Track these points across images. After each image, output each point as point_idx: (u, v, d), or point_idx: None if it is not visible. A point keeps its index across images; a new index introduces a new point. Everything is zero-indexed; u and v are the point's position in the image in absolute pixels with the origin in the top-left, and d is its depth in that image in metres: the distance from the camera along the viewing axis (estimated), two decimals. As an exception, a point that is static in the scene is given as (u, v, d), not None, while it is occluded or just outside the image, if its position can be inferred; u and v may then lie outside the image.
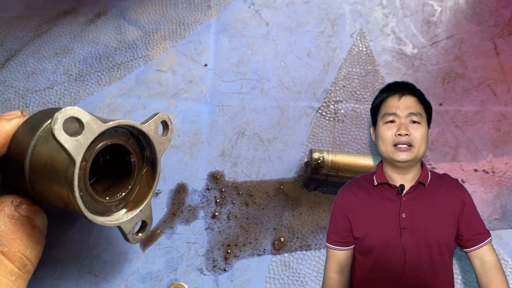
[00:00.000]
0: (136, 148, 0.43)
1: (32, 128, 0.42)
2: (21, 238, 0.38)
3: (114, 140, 0.41)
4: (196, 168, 0.61)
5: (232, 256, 0.57)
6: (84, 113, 0.35)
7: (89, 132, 0.35)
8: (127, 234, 0.42)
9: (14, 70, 0.66)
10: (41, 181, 0.39)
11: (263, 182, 0.61)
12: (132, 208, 0.44)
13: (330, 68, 0.67)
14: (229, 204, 0.59)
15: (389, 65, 0.68)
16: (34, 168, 0.40)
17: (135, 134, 0.43)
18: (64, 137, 0.33)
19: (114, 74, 0.66)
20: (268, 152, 0.62)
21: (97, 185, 0.44)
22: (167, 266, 0.56)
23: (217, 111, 0.64)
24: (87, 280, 0.55)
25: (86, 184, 0.39)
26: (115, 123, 0.38)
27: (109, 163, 0.46)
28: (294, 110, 0.64)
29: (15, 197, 0.40)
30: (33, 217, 0.40)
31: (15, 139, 0.43)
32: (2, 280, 0.36)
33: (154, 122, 0.43)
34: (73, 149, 0.34)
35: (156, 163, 0.44)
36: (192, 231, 0.58)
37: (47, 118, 0.42)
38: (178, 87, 0.65)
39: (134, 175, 0.44)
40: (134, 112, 0.64)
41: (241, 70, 0.67)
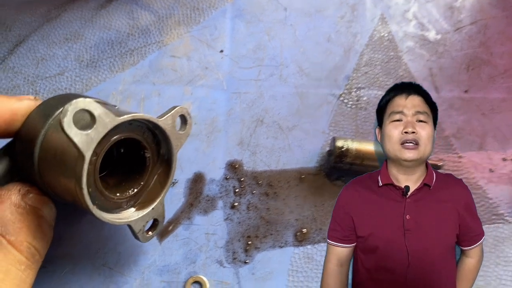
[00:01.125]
0: (152, 143, 0.41)
1: (44, 115, 0.40)
2: (28, 228, 0.36)
3: (128, 134, 0.38)
4: (213, 157, 0.59)
5: (252, 248, 0.54)
6: (96, 105, 0.32)
7: (101, 126, 0.33)
8: (137, 233, 0.40)
9: (23, 56, 0.63)
10: (50, 171, 0.37)
11: (283, 171, 0.58)
12: (143, 205, 0.41)
13: (351, 54, 0.65)
14: (249, 194, 0.57)
15: (412, 51, 0.66)
16: (43, 157, 0.38)
17: (151, 128, 0.40)
18: (73, 131, 0.31)
19: (127, 60, 0.63)
20: (288, 140, 0.60)
21: (108, 179, 0.42)
22: (185, 259, 0.53)
23: (234, 98, 0.62)
24: (101, 274, 0.53)
25: (96, 180, 0.37)
26: (130, 116, 0.35)
27: (123, 156, 0.44)
28: (315, 97, 0.62)
29: (22, 186, 0.38)
30: (40, 208, 0.38)
31: (26, 125, 0.41)
32: (11, 269, 0.35)
33: (171, 116, 0.40)
34: (83, 143, 0.32)
35: (172, 159, 0.41)
36: (211, 222, 0.55)
37: (60, 105, 0.40)
38: (193, 74, 0.63)
39: (148, 171, 0.42)
40: (148, 99, 0.61)
41: (258, 56, 0.64)
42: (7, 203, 0.36)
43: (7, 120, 0.39)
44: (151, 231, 0.43)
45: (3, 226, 0.36)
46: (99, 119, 0.33)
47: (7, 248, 0.35)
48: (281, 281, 0.53)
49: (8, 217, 0.36)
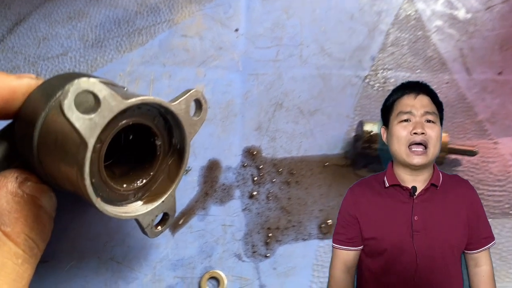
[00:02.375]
0: (163, 130, 0.37)
1: (45, 95, 0.36)
2: (26, 218, 0.33)
3: (137, 119, 0.35)
4: (229, 143, 0.54)
5: (273, 240, 0.50)
6: (101, 86, 0.29)
7: (106, 110, 0.29)
8: (145, 228, 0.37)
9: (24, 36, 0.59)
10: (50, 158, 0.34)
11: (305, 158, 0.54)
12: (152, 198, 0.38)
13: (376, 34, 0.60)
14: (268, 183, 0.52)
15: (441, 31, 0.61)
16: (43, 142, 0.34)
17: (162, 113, 0.37)
18: (75, 115, 0.27)
19: (135, 40, 0.59)
20: (309, 125, 0.55)
21: (115, 168, 0.38)
22: (201, 252, 0.49)
23: (251, 80, 0.57)
24: (108, 268, 0.49)
25: (100, 169, 0.33)
26: (139, 100, 0.31)
27: (131, 143, 0.40)
28: (338, 79, 0.57)
29: (20, 173, 0.35)
30: (39, 197, 0.35)
31: (25, 105, 0.37)
32: (7, 263, 0.32)
33: (185, 100, 0.36)
34: (86, 129, 0.28)
35: (185, 148, 0.38)
36: (228, 213, 0.51)
37: (63, 86, 0.35)
38: (206, 54, 0.58)
39: (158, 161, 0.38)
40: (158, 81, 0.57)
41: (276, 35, 0.59)
42: (2, 191, 0.33)
43: (5, 99, 0.36)
44: (161, 226, 0.39)
45: None
46: (105, 102, 0.29)
47: (2, 240, 0.32)
48: (305, 276, 0.49)
49: (3, 206, 0.33)
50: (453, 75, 0.59)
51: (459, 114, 0.57)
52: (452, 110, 0.57)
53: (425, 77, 0.58)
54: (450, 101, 0.58)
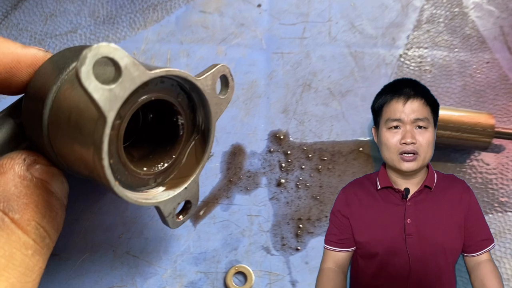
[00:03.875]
0: (187, 108, 0.34)
1: (56, 68, 0.32)
2: (36, 205, 0.30)
3: (159, 94, 0.31)
4: (254, 126, 0.50)
5: (304, 232, 0.46)
6: (123, 53, 0.25)
7: (127, 81, 0.25)
8: (166, 217, 0.33)
9: (30, 12, 0.54)
10: (62, 138, 0.30)
11: (337, 143, 0.49)
12: (175, 184, 0.34)
13: (409, 10, 0.56)
14: (297, 170, 0.48)
15: (479, 7, 0.56)
16: (54, 120, 0.31)
17: (187, 90, 0.33)
18: (93, 84, 0.24)
19: (150, 16, 0.54)
20: (341, 107, 0.51)
21: (133, 150, 0.35)
22: (225, 245, 0.45)
23: (276, 59, 0.53)
24: (124, 263, 0.44)
25: (119, 149, 0.30)
26: (163, 71, 0.28)
27: (151, 123, 0.36)
28: (370, 58, 0.53)
29: (28, 155, 0.31)
30: (49, 181, 0.32)
31: (34, 80, 0.33)
32: (15, 254, 0.28)
33: (212, 75, 0.33)
34: (105, 101, 0.25)
35: (210, 128, 0.34)
36: (254, 202, 0.46)
37: (77, 57, 0.32)
38: (227, 31, 0.54)
39: (181, 142, 0.34)
40: (175, 60, 0.52)
41: (302, 11, 0.55)
42: (9, 173, 0.30)
43: (7, 67, 0.32)
44: (183, 215, 0.35)
45: (5, 201, 0.29)
46: (126, 71, 0.25)
47: (10, 228, 0.28)
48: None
49: (11, 191, 0.29)
50: (494, 55, 0.55)
51: (501, 96, 0.53)
52: (494, 91, 0.53)
53: (463, 56, 0.54)
54: (492, 82, 0.53)
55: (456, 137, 0.47)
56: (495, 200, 0.48)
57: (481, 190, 0.48)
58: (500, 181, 0.49)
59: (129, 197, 0.29)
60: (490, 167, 0.49)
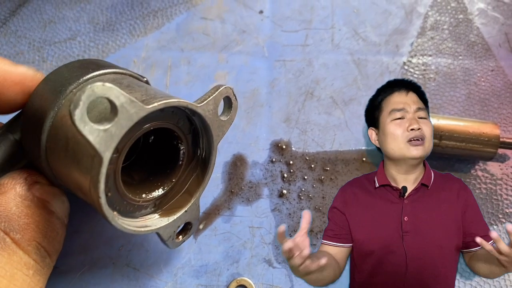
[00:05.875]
0: (188, 132, 0.33)
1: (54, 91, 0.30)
2: (37, 225, 0.29)
3: (159, 123, 0.31)
4: (255, 136, 0.49)
5: (307, 244, 0.45)
6: (119, 92, 0.24)
7: (124, 119, 0.25)
8: (166, 240, 0.33)
9: (28, 18, 0.53)
10: (60, 164, 0.30)
11: (340, 153, 0.49)
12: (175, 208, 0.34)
13: (413, 16, 0.55)
14: (300, 180, 0.47)
15: (484, 14, 0.56)
16: (52, 146, 0.30)
17: (188, 115, 0.32)
18: (88, 127, 0.23)
19: (150, 23, 0.53)
20: (344, 116, 0.50)
21: (133, 172, 0.34)
22: (226, 257, 0.44)
23: (278, 67, 0.52)
24: (124, 275, 0.44)
25: (117, 182, 0.29)
26: (162, 104, 0.27)
27: (151, 145, 0.36)
28: (374, 66, 0.52)
29: (29, 174, 0.31)
30: (50, 201, 0.31)
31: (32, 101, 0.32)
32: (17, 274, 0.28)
33: (214, 99, 0.32)
34: (101, 142, 0.24)
35: (212, 151, 0.33)
36: (255, 213, 0.46)
37: (75, 78, 0.30)
38: (228, 39, 0.53)
39: (182, 166, 0.34)
40: (176, 68, 0.52)
41: (304, 17, 0.54)
42: (10, 193, 0.29)
43: None
44: (182, 236, 0.35)
45: (6, 221, 0.28)
46: (122, 110, 0.24)
47: (11, 248, 0.28)
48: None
49: (12, 210, 0.29)
50: (499, 62, 0.54)
51: (506, 104, 0.52)
52: (499, 100, 0.52)
53: (468, 64, 0.53)
54: (497, 91, 0.53)
55: (461, 147, 0.47)
56: (499, 211, 0.47)
57: (486, 201, 0.48)
58: (505, 192, 0.48)
59: (128, 228, 0.29)
60: (495, 178, 0.48)
